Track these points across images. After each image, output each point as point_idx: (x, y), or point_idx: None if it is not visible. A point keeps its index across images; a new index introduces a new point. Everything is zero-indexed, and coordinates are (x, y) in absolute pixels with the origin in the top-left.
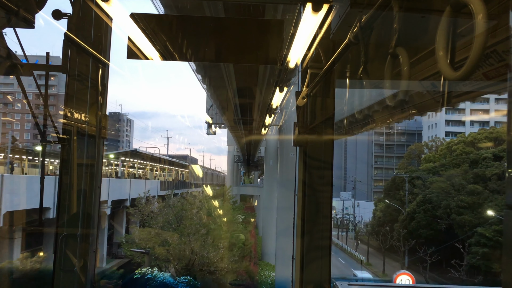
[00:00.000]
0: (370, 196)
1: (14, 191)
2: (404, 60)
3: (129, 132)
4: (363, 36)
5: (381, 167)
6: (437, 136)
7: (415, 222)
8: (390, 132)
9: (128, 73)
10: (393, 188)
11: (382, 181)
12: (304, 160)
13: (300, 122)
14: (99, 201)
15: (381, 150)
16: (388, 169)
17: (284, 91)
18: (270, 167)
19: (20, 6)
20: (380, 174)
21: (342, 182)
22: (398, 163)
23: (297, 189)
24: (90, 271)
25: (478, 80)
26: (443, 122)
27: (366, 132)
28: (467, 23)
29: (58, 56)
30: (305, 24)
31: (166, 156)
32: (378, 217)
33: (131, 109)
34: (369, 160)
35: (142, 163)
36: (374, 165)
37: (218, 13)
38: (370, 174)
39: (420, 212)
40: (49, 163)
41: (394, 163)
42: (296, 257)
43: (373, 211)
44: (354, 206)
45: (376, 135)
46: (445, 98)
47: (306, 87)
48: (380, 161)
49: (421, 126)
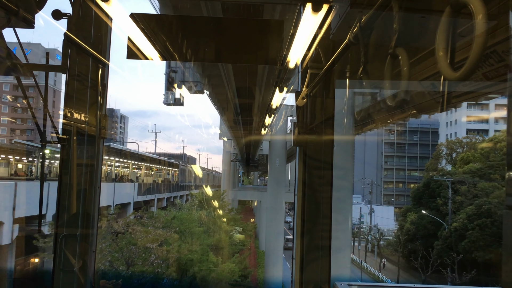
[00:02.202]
0: (379, 199)
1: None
2: (404, 61)
3: (123, 129)
4: (363, 36)
5: (391, 167)
6: (456, 135)
7: (468, 242)
8: (400, 130)
9: (127, 72)
10: (425, 195)
11: (393, 183)
12: (304, 160)
13: (300, 122)
14: (99, 201)
15: (392, 149)
16: (399, 170)
17: (284, 91)
18: (276, 168)
19: (20, 6)
20: (391, 175)
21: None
22: (410, 163)
23: (297, 189)
24: (89, 271)
25: (478, 80)
26: (463, 118)
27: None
28: (467, 23)
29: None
30: (305, 24)
31: (154, 154)
32: (407, 230)
33: (130, 108)
34: (378, 160)
35: (123, 162)
36: (384, 165)
37: (217, 13)
38: (379, 175)
39: (474, 228)
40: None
41: (405, 163)
42: (296, 257)
43: (399, 221)
44: (371, 214)
45: (386, 133)
46: (445, 98)
47: (306, 87)
48: (391, 161)
49: (436, 123)
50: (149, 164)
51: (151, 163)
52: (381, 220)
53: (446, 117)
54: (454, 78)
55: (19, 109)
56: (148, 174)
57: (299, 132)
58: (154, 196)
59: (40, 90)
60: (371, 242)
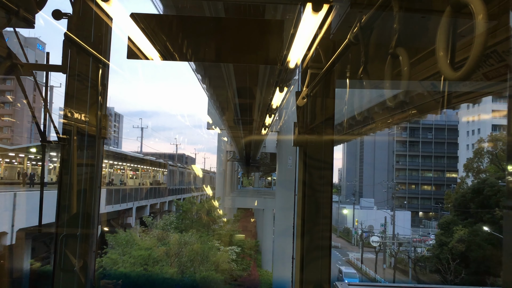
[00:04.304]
0: (390, 202)
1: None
2: (404, 61)
3: (117, 128)
4: (363, 36)
5: (403, 167)
6: (480, 132)
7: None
8: (413, 127)
9: (128, 73)
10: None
11: (405, 184)
12: (304, 160)
13: (300, 122)
14: (99, 201)
15: (404, 148)
16: (412, 170)
17: (284, 91)
18: (288, 170)
19: (20, 6)
20: (403, 176)
21: (358, 185)
22: (424, 163)
23: (297, 189)
24: (90, 271)
25: (478, 80)
26: (487, 114)
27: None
28: (467, 23)
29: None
30: (305, 24)
31: (139, 153)
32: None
33: (129, 108)
34: (389, 159)
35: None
36: (395, 165)
37: (218, 13)
38: (391, 176)
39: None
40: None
41: (419, 163)
42: (296, 257)
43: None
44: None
45: (397, 130)
46: (445, 98)
47: (306, 87)
48: (403, 160)
49: (452, 120)
50: (130, 165)
51: (133, 163)
52: (397, 228)
53: (467, 112)
54: (454, 78)
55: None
56: (133, 176)
57: (299, 132)
58: (132, 204)
59: (40, 90)
60: (394, 256)
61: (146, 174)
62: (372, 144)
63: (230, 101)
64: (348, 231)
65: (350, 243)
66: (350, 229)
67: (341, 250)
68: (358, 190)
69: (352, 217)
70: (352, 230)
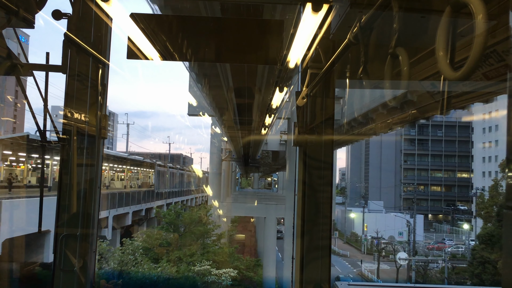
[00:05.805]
0: (398, 204)
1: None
2: (404, 60)
3: (112, 127)
4: (363, 36)
5: (412, 167)
6: (498, 129)
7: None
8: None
9: (127, 73)
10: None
11: (414, 185)
12: (304, 160)
13: (300, 122)
14: (99, 201)
15: (413, 147)
16: (421, 170)
17: (284, 91)
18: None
19: (20, 6)
20: (411, 176)
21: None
22: (433, 163)
23: (297, 189)
24: (90, 271)
25: (478, 80)
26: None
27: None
28: (467, 23)
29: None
30: (305, 24)
31: (124, 153)
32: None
33: (129, 108)
34: (397, 158)
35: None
36: (403, 165)
37: (215, 13)
38: (398, 176)
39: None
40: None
41: (428, 162)
42: (296, 257)
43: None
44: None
45: (405, 128)
46: (445, 98)
47: (306, 87)
48: (411, 160)
49: (462, 116)
50: (113, 165)
51: (115, 163)
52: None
53: (483, 108)
54: (454, 78)
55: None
56: (119, 178)
57: (299, 132)
58: (107, 213)
59: (40, 90)
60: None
61: (134, 175)
62: (379, 142)
63: (228, 101)
64: (356, 237)
65: (359, 251)
66: (358, 234)
67: (351, 260)
68: (364, 192)
69: (362, 222)
70: (362, 236)
